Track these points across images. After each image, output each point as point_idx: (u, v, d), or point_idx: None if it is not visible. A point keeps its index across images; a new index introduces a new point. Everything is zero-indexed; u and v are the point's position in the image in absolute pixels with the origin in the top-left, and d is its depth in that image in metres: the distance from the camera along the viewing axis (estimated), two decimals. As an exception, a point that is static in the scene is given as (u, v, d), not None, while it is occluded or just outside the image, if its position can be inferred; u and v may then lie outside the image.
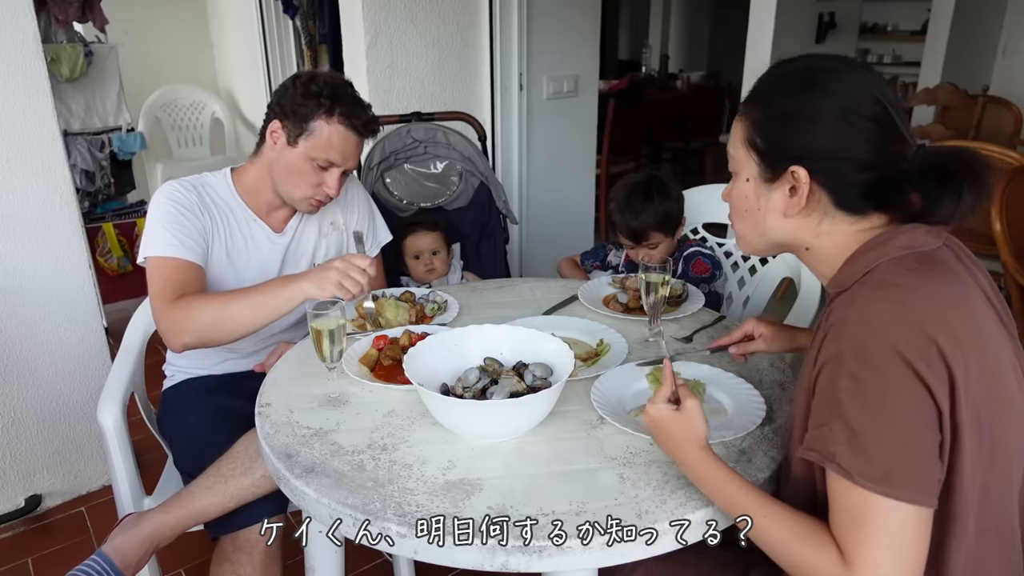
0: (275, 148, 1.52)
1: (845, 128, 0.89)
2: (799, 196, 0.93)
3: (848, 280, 0.91)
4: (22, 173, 1.96)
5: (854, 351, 0.82)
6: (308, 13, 4.38)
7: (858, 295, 0.87)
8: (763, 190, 0.97)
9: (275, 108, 1.51)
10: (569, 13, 3.15)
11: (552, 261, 2.17)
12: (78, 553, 2.03)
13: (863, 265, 0.90)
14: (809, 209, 0.94)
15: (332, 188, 1.52)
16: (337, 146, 1.49)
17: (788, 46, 3.53)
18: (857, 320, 0.84)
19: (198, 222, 1.50)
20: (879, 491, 0.79)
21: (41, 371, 2.10)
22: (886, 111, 0.90)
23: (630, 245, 1.84)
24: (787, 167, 0.93)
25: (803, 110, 0.92)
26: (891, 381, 0.80)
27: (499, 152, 3.08)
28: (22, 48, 1.90)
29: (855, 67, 0.92)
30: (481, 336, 1.25)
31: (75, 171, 3.39)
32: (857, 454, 0.81)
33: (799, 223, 0.96)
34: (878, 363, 0.81)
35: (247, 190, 1.59)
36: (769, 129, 0.95)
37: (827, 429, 0.84)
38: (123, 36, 4.42)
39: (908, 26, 6.42)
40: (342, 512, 0.96)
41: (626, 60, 7.97)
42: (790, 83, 0.95)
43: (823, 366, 0.86)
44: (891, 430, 0.80)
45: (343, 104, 1.48)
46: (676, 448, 0.98)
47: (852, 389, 0.82)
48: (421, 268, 2.03)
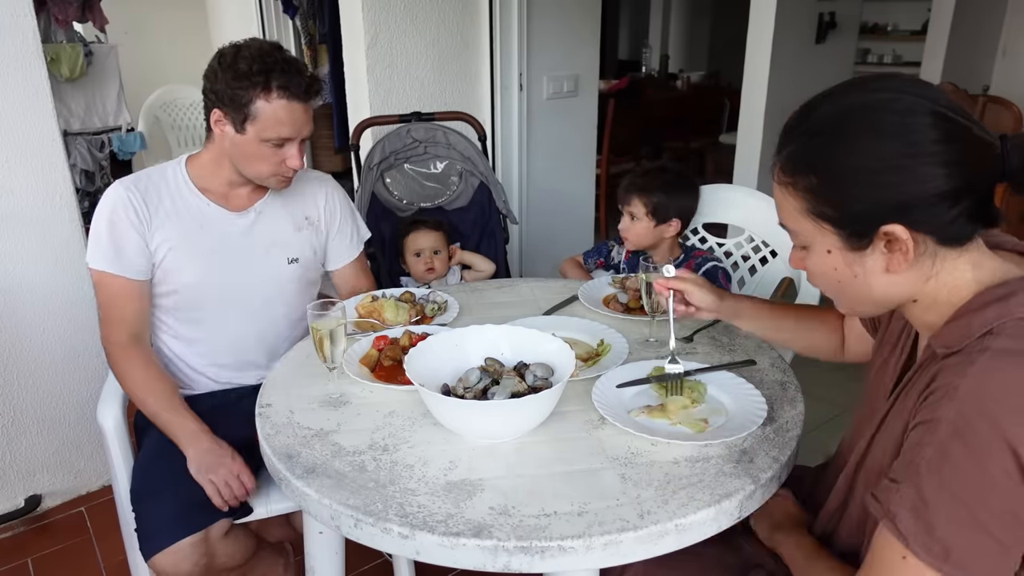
0: (225, 137, 1.46)
1: (919, 163, 0.77)
2: (904, 252, 0.81)
3: (961, 340, 0.80)
4: (22, 173, 1.96)
5: (955, 424, 0.74)
6: (308, 13, 4.38)
7: (975, 363, 0.76)
8: (854, 258, 0.84)
9: (210, 96, 1.43)
10: (569, 13, 3.15)
11: (552, 261, 2.17)
12: (78, 553, 2.03)
13: (981, 323, 0.79)
14: (917, 257, 0.82)
15: (295, 160, 1.47)
16: (286, 120, 1.41)
17: (788, 46, 3.54)
18: (969, 392, 0.75)
19: (133, 223, 1.47)
20: (935, 566, 0.74)
21: (41, 371, 2.10)
22: (954, 122, 0.78)
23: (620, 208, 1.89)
24: (876, 229, 0.80)
25: (864, 163, 0.79)
26: (987, 467, 0.72)
27: (499, 152, 3.08)
28: (22, 48, 1.90)
29: (894, 87, 0.80)
30: (482, 336, 1.25)
31: (75, 171, 3.39)
32: (920, 523, 0.75)
33: (907, 275, 0.83)
34: (978, 446, 0.73)
35: (203, 175, 1.54)
36: (834, 195, 0.82)
37: (897, 487, 0.78)
38: (123, 36, 4.42)
39: (908, 26, 6.43)
40: (343, 513, 0.96)
41: (626, 60, 7.96)
42: (834, 136, 0.81)
43: (916, 426, 0.80)
44: (968, 515, 0.73)
45: (277, 75, 1.39)
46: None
47: (936, 463, 0.75)
48: (421, 267, 2.03)
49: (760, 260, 1.94)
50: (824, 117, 0.83)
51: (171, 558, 1.28)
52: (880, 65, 6.36)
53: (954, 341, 0.81)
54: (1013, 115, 3.77)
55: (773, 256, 1.91)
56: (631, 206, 1.85)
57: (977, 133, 0.79)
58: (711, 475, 1.01)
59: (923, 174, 0.77)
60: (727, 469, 1.02)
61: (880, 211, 0.80)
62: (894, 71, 5.92)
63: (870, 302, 0.89)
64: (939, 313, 0.85)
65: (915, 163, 0.77)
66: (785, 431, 1.12)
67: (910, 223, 0.79)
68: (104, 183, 3.57)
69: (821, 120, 0.83)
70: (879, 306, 0.91)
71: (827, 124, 0.82)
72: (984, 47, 4.67)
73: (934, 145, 0.77)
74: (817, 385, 1.61)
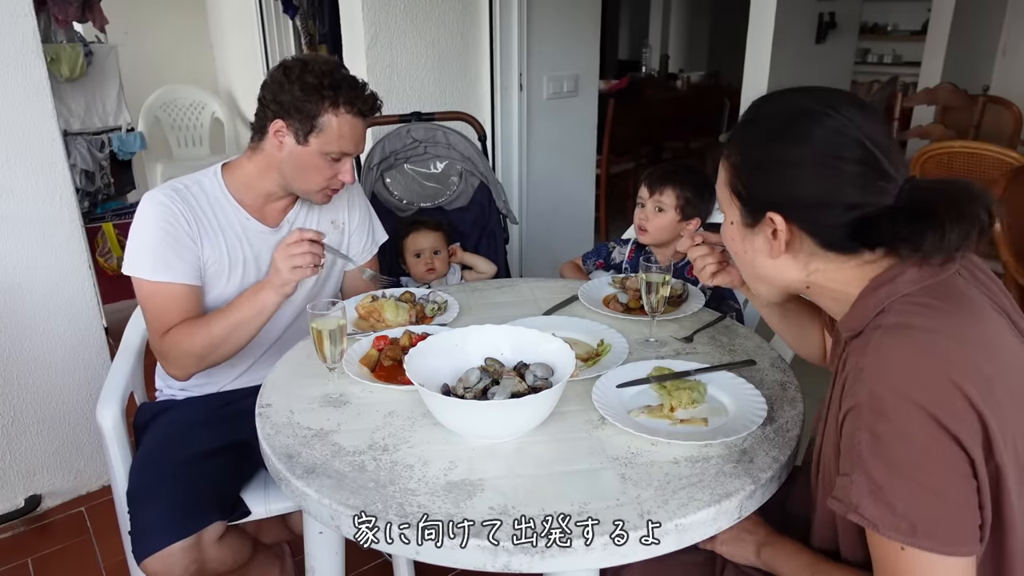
0: (283, 148, 1.48)
1: (826, 175, 0.86)
2: (779, 240, 0.91)
3: (860, 322, 0.88)
4: (22, 173, 1.96)
5: (871, 405, 0.79)
6: (308, 13, 4.38)
7: (870, 341, 0.83)
8: (747, 233, 0.96)
9: (273, 106, 1.46)
10: (569, 13, 3.15)
11: (552, 261, 2.17)
12: (78, 553, 2.03)
13: (873, 305, 0.86)
14: (794, 251, 0.92)
15: (347, 176, 1.52)
16: (349, 136, 1.47)
17: (788, 46, 3.54)
18: (872, 371, 0.80)
19: (185, 233, 1.46)
20: (907, 542, 0.77)
21: (41, 371, 2.10)
22: (871, 153, 0.85)
23: (644, 196, 1.82)
24: (764, 213, 0.92)
25: (781, 157, 0.89)
26: (914, 437, 0.76)
27: (499, 152, 3.08)
28: (22, 48, 1.90)
29: (838, 106, 0.87)
30: (482, 336, 1.25)
31: (75, 171, 3.39)
32: (881, 506, 0.79)
33: (786, 263, 0.94)
34: (898, 418, 0.77)
35: (241, 186, 1.55)
36: (748, 175, 0.94)
37: (850, 479, 0.82)
38: (123, 36, 4.42)
39: (908, 26, 6.43)
40: (343, 513, 0.96)
41: (626, 60, 7.96)
42: (770, 128, 0.92)
43: (846, 414, 0.84)
44: (917, 486, 0.77)
45: (345, 91, 1.45)
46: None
47: (872, 445, 0.79)
48: (421, 267, 2.03)
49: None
50: (768, 111, 0.94)
51: (161, 562, 1.27)
52: (880, 65, 6.36)
53: (855, 324, 0.89)
54: (1013, 115, 3.77)
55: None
56: (662, 195, 1.79)
57: (887, 169, 0.86)
58: (711, 475, 1.01)
59: (823, 184, 0.87)
60: (727, 469, 1.02)
61: (770, 198, 0.91)
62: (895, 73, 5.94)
63: (760, 280, 1.01)
64: (840, 302, 0.93)
65: (818, 170, 0.87)
66: (785, 431, 1.12)
67: (790, 218, 0.90)
68: (104, 183, 3.56)
69: (765, 113, 0.94)
70: (770, 286, 1.01)
71: (767, 117, 0.94)
72: (984, 47, 4.67)
73: (842, 163, 0.86)
74: (817, 385, 1.60)
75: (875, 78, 5.96)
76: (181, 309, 1.45)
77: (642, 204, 1.84)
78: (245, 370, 1.63)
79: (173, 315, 1.45)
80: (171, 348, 1.43)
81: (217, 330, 1.42)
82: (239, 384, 1.62)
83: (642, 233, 1.85)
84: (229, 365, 1.60)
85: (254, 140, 1.53)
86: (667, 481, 1.00)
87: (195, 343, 1.42)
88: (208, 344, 1.42)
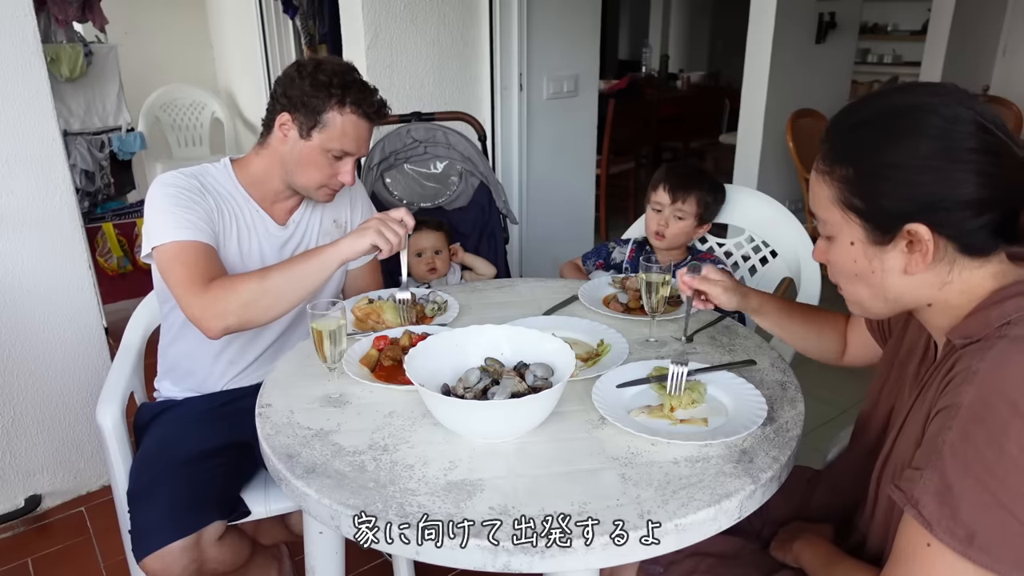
0: (286, 141, 1.49)
1: (954, 168, 0.79)
2: (923, 253, 0.82)
3: (980, 330, 0.82)
4: (22, 173, 1.96)
5: (973, 408, 0.76)
6: (308, 13, 4.38)
7: (993, 347, 0.78)
8: (875, 252, 0.86)
9: (282, 100, 1.48)
10: (569, 13, 3.15)
11: (552, 261, 2.17)
12: (78, 553, 2.03)
13: (1000, 315, 0.80)
14: (935, 262, 0.83)
15: (348, 176, 1.52)
16: (351, 135, 1.48)
17: (788, 46, 3.54)
18: (987, 375, 0.76)
19: (203, 205, 1.46)
20: (959, 550, 0.74)
21: (41, 371, 2.10)
22: (996, 137, 0.79)
23: (664, 202, 1.80)
24: (901, 226, 0.82)
25: (902, 160, 0.81)
26: (1006, 449, 0.73)
27: (499, 152, 3.08)
28: (22, 48, 1.90)
29: (941, 93, 0.81)
30: (482, 336, 1.25)
31: (75, 171, 3.39)
32: (944, 508, 0.76)
33: (924, 278, 0.85)
34: (996, 426, 0.74)
35: (251, 181, 1.56)
36: (867, 188, 0.83)
37: (920, 474, 0.79)
38: (123, 36, 4.43)
39: (908, 26, 6.43)
40: (343, 513, 0.96)
41: (626, 60, 7.96)
42: (876, 131, 0.83)
43: (937, 413, 0.81)
44: (990, 497, 0.74)
45: (353, 92, 1.46)
46: None
47: (958, 446, 0.76)
48: (423, 267, 2.03)
49: (760, 260, 1.94)
50: (870, 113, 0.85)
51: (160, 561, 1.27)
52: (880, 65, 6.36)
53: (973, 332, 0.82)
54: (1013, 115, 3.77)
55: (773, 256, 1.91)
56: (684, 204, 1.78)
57: (1015, 151, 0.80)
58: (711, 475, 1.01)
59: (955, 179, 0.79)
60: (727, 469, 1.02)
61: (907, 208, 0.82)
62: (895, 73, 5.94)
63: (882, 300, 0.90)
64: (954, 316, 0.86)
65: (949, 167, 0.79)
66: (785, 431, 1.12)
67: (934, 225, 0.81)
68: (104, 183, 3.57)
69: (867, 115, 0.85)
70: (891, 306, 0.91)
71: (872, 119, 0.84)
72: (984, 47, 4.67)
73: (971, 154, 0.78)
74: (817, 385, 1.61)
75: (875, 78, 5.97)
76: (213, 263, 1.40)
77: (658, 209, 1.82)
78: (244, 369, 1.63)
79: (207, 267, 1.37)
80: (217, 292, 1.33)
81: (273, 277, 1.35)
82: (239, 384, 1.62)
83: (659, 239, 1.84)
84: (229, 363, 1.60)
85: (262, 136, 1.55)
86: (667, 481, 1.00)
87: (245, 287, 1.34)
88: (258, 290, 1.34)
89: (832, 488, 1.18)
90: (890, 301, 0.90)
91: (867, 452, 1.05)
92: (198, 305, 1.34)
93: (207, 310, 1.33)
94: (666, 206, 1.81)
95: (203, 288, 1.34)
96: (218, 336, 1.36)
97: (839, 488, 1.14)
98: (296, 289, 1.37)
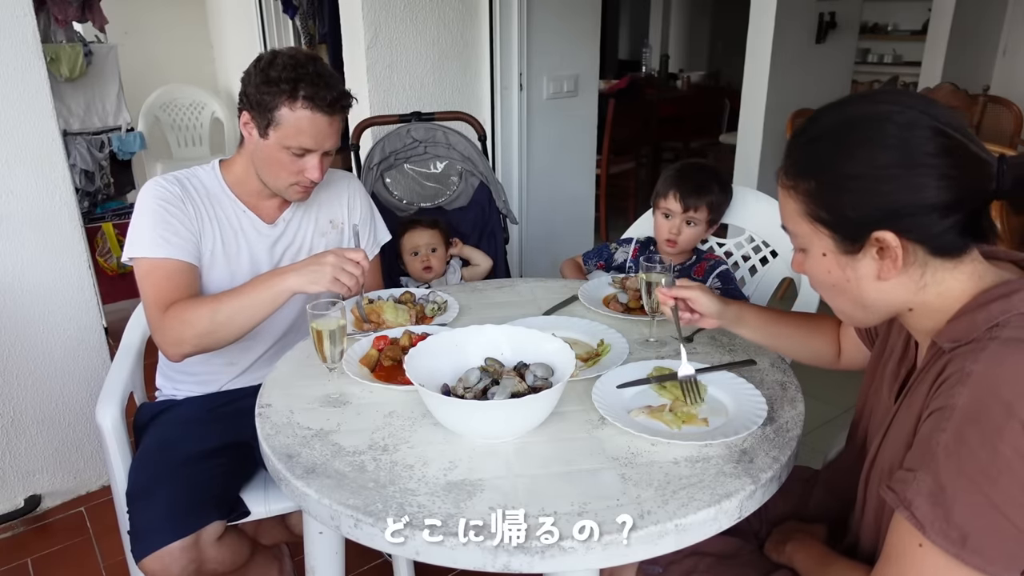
0: (251, 140, 1.47)
1: (919, 173, 0.79)
2: (893, 259, 0.83)
3: (967, 333, 0.82)
4: (22, 173, 1.96)
5: (968, 410, 0.76)
6: (308, 13, 4.38)
7: (986, 349, 0.78)
8: (847, 261, 0.87)
9: (242, 98, 1.45)
10: (569, 13, 3.15)
11: (552, 261, 2.17)
12: (78, 553, 2.03)
13: (987, 318, 0.81)
14: (907, 266, 0.84)
15: (313, 172, 1.47)
16: (307, 131, 1.41)
17: (788, 46, 3.54)
18: (981, 377, 0.76)
19: (184, 216, 1.46)
20: (951, 552, 0.74)
21: (41, 371, 2.10)
22: (953, 139, 0.80)
23: (675, 210, 1.76)
24: (868, 234, 0.83)
25: (861, 171, 0.81)
26: (1000, 451, 0.73)
27: (499, 152, 3.08)
28: (22, 48, 1.90)
29: (898, 100, 0.82)
30: (481, 336, 1.25)
31: (75, 171, 3.39)
32: (937, 509, 0.76)
33: (897, 283, 0.86)
34: (991, 427, 0.74)
35: (236, 181, 1.55)
36: (830, 200, 0.84)
37: (912, 475, 0.79)
38: (123, 36, 4.43)
39: (908, 26, 6.43)
40: (343, 513, 0.95)
41: (626, 60, 7.96)
42: (833, 144, 0.84)
43: (931, 414, 0.81)
44: (983, 499, 0.74)
45: (305, 86, 1.39)
46: None
47: (952, 447, 0.76)
48: (418, 265, 2.03)
49: (760, 260, 1.94)
50: (827, 125, 0.86)
51: (160, 562, 1.27)
52: (880, 65, 6.36)
53: (960, 335, 0.83)
54: (1013, 115, 3.77)
55: (773, 256, 1.91)
56: (697, 212, 1.76)
57: (974, 150, 0.81)
58: (711, 475, 1.01)
59: (916, 184, 0.80)
60: (727, 469, 1.02)
61: (872, 217, 0.82)
62: (895, 73, 5.94)
63: (862, 308, 0.91)
64: (937, 319, 0.87)
65: (910, 173, 0.80)
66: (785, 431, 1.12)
67: (900, 231, 0.82)
68: (104, 183, 3.57)
69: (824, 128, 0.86)
70: (872, 313, 0.92)
71: (829, 132, 0.85)
72: (984, 47, 4.67)
73: (930, 158, 0.79)
74: (817, 385, 1.61)
75: (875, 78, 5.97)
76: (180, 285, 1.42)
77: (667, 215, 1.80)
78: (245, 370, 1.62)
79: (173, 291, 1.40)
80: (172, 323, 1.36)
81: (224, 308, 1.35)
82: (239, 384, 1.62)
83: (671, 245, 1.81)
84: (229, 363, 1.60)
85: (241, 137, 1.54)
86: (667, 481, 1.00)
87: (199, 318, 1.35)
88: (211, 322, 1.35)
89: (829, 488, 1.18)
90: (869, 308, 0.91)
91: (859, 453, 1.05)
92: (157, 331, 1.40)
93: (164, 336, 1.39)
94: (677, 214, 1.78)
95: (161, 315, 1.38)
96: (179, 360, 1.41)
97: (835, 488, 1.14)
98: (249, 319, 1.38)
